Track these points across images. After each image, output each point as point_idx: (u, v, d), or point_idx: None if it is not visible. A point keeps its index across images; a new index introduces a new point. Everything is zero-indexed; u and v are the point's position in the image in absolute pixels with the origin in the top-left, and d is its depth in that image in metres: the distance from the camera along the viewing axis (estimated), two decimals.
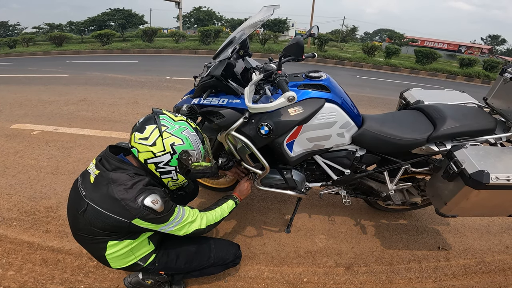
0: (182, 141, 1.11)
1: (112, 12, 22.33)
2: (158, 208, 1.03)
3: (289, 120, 1.35)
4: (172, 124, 1.11)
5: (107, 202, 1.02)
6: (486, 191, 1.29)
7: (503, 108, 1.60)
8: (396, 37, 38.40)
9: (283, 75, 1.24)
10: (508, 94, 1.56)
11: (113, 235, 1.09)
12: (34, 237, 1.74)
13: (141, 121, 1.12)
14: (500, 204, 1.42)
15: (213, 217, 1.29)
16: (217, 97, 1.41)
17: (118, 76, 6.70)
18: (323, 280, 1.60)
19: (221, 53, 1.36)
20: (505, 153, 1.44)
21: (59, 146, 2.86)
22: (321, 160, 1.63)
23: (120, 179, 1.04)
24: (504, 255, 1.91)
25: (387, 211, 2.12)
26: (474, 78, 11.75)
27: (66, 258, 1.61)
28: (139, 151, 1.08)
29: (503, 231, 2.13)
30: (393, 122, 1.61)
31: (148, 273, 1.32)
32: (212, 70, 1.36)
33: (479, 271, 1.77)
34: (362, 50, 13.46)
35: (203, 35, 13.01)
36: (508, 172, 1.26)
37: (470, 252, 1.90)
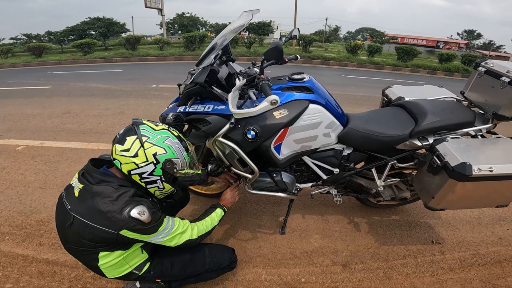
0: (165, 150, 1.11)
1: (92, 21, 21.93)
2: (145, 219, 1.03)
3: (274, 123, 1.37)
4: (153, 134, 1.11)
5: (93, 215, 1.02)
6: (470, 183, 1.33)
7: (480, 101, 1.67)
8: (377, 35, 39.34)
9: (265, 79, 1.25)
10: (484, 87, 1.63)
11: (103, 246, 1.08)
12: (28, 250, 1.73)
13: (121, 133, 1.12)
14: (487, 195, 1.46)
15: (204, 226, 1.29)
16: (203, 104, 1.42)
17: (103, 86, 6.59)
18: (321, 279, 1.62)
19: (204, 60, 1.37)
20: (486, 145, 1.51)
21: (46, 160, 2.79)
22: (310, 160, 1.66)
23: (104, 191, 1.04)
24: (498, 247, 1.94)
25: (378, 208, 2.17)
26: (453, 73, 12.16)
27: (62, 269, 1.60)
28: (121, 163, 1.08)
29: (494, 222, 2.18)
30: (376, 120, 1.66)
31: (145, 281, 1.31)
32: (195, 77, 1.36)
33: (475, 263, 1.79)
34: (346, 49, 13.73)
35: (187, 41, 12.95)
36: (490, 163, 1.31)
37: (464, 245, 1.93)
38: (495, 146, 1.51)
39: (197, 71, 1.41)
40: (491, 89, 1.57)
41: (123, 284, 1.47)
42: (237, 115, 1.21)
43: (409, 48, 13.01)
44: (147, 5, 16.83)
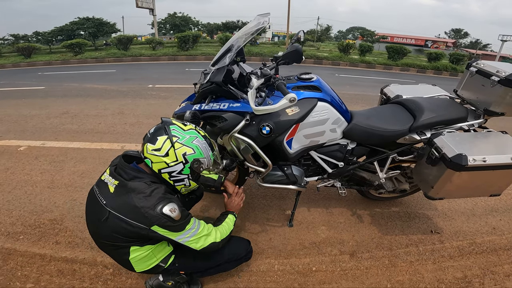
0: (193, 150, 1.16)
1: (81, 21, 21.60)
2: (175, 216, 1.08)
3: (287, 120, 1.47)
4: (182, 134, 1.17)
5: (128, 210, 1.07)
6: (466, 173, 1.45)
7: (472, 98, 1.79)
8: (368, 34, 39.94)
9: (281, 79, 1.35)
10: (475, 86, 1.75)
11: (135, 241, 1.14)
12: (45, 249, 1.75)
13: (151, 132, 1.17)
14: (481, 184, 1.58)
15: (224, 230, 1.33)
16: (217, 102, 1.50)
17: (98, 86, 6.55)
18: (330, 268, 1.71)
19: (219, 61, 1.44)
20: (478, 138, 1.63)
21: (50, 160, 2.81)
22: (316, 155, 1.76)
23: (138, 188, 1.09)
24: (493, 236, 2.05)
25: (379, 200, 2.29)
26: (442, 71, 12.50)
27: (81, 267, 1.63)
28: (152, 161, 1.14)
29: (487, 213, 2.30)
30: (378, 116, 1.77)
31: (168, 275, 1.37)
32: (212, 77, 1.44)
33: (472, 252, 1.89)
34: (338, 48, 13.96)
35: (181, 41, 12.93)
36: (483, 154, 1.43)
37: (461, 234, 2.04)
38: (487, 139, 1.64)
39: (212, 71, 1.49)
40: (482, 88, 1.68)
41: (143, 279, 1.52)
42: (258, 112, 1.29)
43: (399, 47, 13.32)
44: (138, 5, 16.70)
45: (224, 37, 13.65)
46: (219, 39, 14.11)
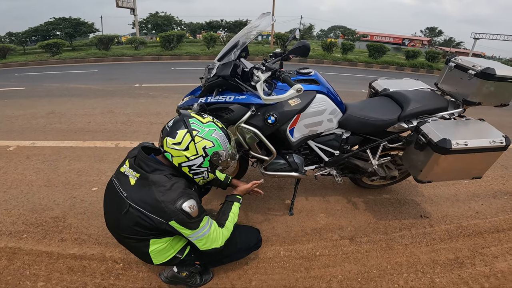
0: (213, 143, 1.17)
1: (57, 21, 20.80)
2: (193, 213, 1.09)
3: (290, 110, 1.58)
4: (202, 127, 1.17)
5: (148, 203, 1.09)
6: (451, 156, 1.61)
7: (451, 90, 1.97)
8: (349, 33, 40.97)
9: (286, 72, 1.45)
10: (454, 79, 1.92)
11: (154, 234, 1.16)
12: (51, 247, 1.74)
13: (170, 125, 1.17)
14: (464, 167, 1.75)
15: (228, 231, 1.32)
16: (223, 95, 1.57)
17: (82, 86, 6.40)
18: (333, 252, 1.81)
19: (225, 56, 1.52)
20: (459, 125, 1.81)
21: (43, 159, 2.76)
22: (314, 144, 1.88)
23: (159, 181, 1.11)
24: (477, 220, 2.21)
25: (371, 188, 2.44)
26: (419, 69, 13.11)
27: (91, 263, 1.63)
28: (172, 155, 1.15)
29: (470, 198, 2.48)
30: (369, 107, 1.92)
31: (183, 266, 1.39)
32: (218, 71, 1.52)
33: (460, 234, 2.03)
34: (321, 47, 14.27)
35: (165, 40, 12.75)
36: (465, 138, 1.60)
37: (448, 218, 2.19)
38: (467, 126, 1.81)
39: (218, 65, 1.56)
40: (460, 81, 1.85)
41: (154, 273, 1.55)
42: (267, 101, 1.38)
43: (379, 45, 13.83)
44: (119, 5, 16.32)
45: (209, 36, 13.61)
46: (204, 38, 14.03)
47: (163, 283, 1.50)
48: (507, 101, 1.81)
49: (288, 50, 1.72)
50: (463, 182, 2.72)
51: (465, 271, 1.72)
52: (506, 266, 1.77)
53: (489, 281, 1.66)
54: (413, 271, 1.70)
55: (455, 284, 1.62)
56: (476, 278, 1.67)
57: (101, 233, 1.84)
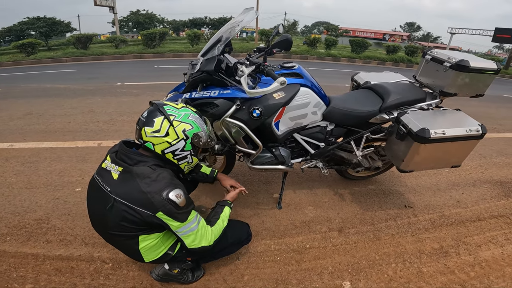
0: (191, 126, 1.18)
1: (31, 21, 19.88)
2: (180, 203, 1.08)
3: (275, 103, 1.59)
4: (177, 112, 1.17)
5: (134, 196, 1.07)
6: (430, 145, 1.67)
7: (429, 82, 2.04)
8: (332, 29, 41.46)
9: (270, 66, 1.46)
10: (431, 71, 1.99)
11: (142, 230, 1.14)
12: (37, 249, 1.69)
13: (146, 116, 1.16)
14: (443, 156, 1.82)
15: (218, 231, 1.31)
16: (207, 90, 1.56)
17: (60, 86, 6.15)
18: (322, 244, 1.83)
19: (209, 51, 1.51)
20: (436, 115, 1.88)
21: (23, 161, 2.65)
22: (300, 137, 1.90)
23: (144, 172, 1.09)
24: (458, 209, 2.27)
25: (356, 179, 2.50)
26: (399, 63, 13.51)
27: (79, 264, 1.59)
28: (154, 144, 1.13)
29: (450, 187, 2.57)
30: (352, 100, 1.96)
31: (174, 263, 1.38)
32: (202, 66, 1.50)
33: (443, 224, 2.08)
34: (306, 43, 14.38)
35: (147, 38, 12.45)
36: (442, 128, 1.66)
37: (431, 208, 2.25)
38: (444, 115, 1.89)
39: (201, 61, 1.55)
40: (436, 73, 1.92)
41: (144, 272, 1.53)
42: (251, 94, 1.39)
43: (361, 40, 14.11)
44: (97, 3, 15.82)
45: (192, 33, 13.41)
46: (187, 35, 13.81)
47: (154, 281, 1.49)
48: (481, 91, 1.89)
49: (271, 45, 1.73)
50: (443, 172, 2.82)
51: (450, 260, 1.77)
52: (489, 255, 1.83)
53: (474, 270, 1.71)
54: (400, 261, 1.74)
55: (442, 274, 1.67)
56: (462, 268, 1.72)
57: (87, 234, 1.79)
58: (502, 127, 4.58)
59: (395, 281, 1.60)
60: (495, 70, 1.76)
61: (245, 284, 1.54)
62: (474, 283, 1.62)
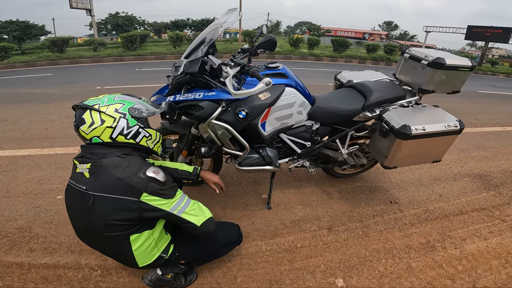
0: (121, 103, 1.14)
1: (3, 25, 18.93)
2: (161, 178, 1.05)
3: (261, 104, 1.59)
4: (99, 100, 1.14)
5: (111, 186, 1.03)
6: (412, 141, 1.72)
7: (408, 80, 2.11)
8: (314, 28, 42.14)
9: (254, 66, 1.45)
10: (409, 69, 2.05)
11: (130, 227, 1.10)
12: (21, 257, 1.63)
13: (75, 119, 1.12)
14: (424, 151, 1.88)
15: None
16: (192, 92, 1.54)
17: (36, 91, 5.90)
18: (313, 243, 1.85)
19: (193, 53, 1.49)
20: (416, 111, 1.95)
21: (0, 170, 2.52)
22: (286, 137, 1.92)
23: (113, 162, 1.07)
24: (441, 203, 2.33)
25: (343, 177, 2.55)
26: (379, 61, 13.90)
27: (66, 272, 1.53)
28: (99, 135, 1.09)
29: (432, 182, 2.65)
30: (336, 98, 2.00)
31: (167, 267, 1.36)
32: (186, 68, 1.48)
33: (428, 218, 2.13)
34: (289, 43, 14.52)
35: (127, 41, 12.15)
36: (422, 124, 1.72)
37: (415, 203, 2.31)
38: (423, 112, 1.96)
39: (182, 63, 1.53)
40: (414, 70, 1.98)
41: (135, 277, 1.49)
42: (237, 96, 1.38)
43: (342, 40, 14.41)
44: (73, 6, 15.34)
45: (175, 35, 13.21)
46: (169, 37, 13.59)
47: (146, 286, 1.45)
48: (458, 88, 1.97)
49: (256, 46, 1.73)
50: (425, 167, 2.92)
51: (438, 254, 1.82)
52: (475, 248, 1.88)
53: (462, 263, 1.75)
54: (390, 256, 1.78)
55: (431, 268, 1.71)
56: (449, 262, 1.75)
57: (72, 241, 1.73)
58: (478, 121, 4.79)
59: (386, 277, 1.63)
60: (470, 67, 1.84)
61: (238, 286, 1.52)
62: (462, 277, 1.66)
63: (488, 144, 3.70)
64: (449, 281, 1.63)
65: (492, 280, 1.66)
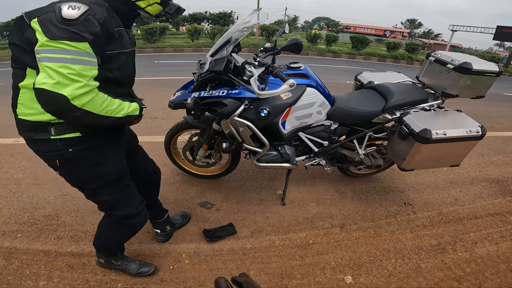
0: None
1: None
2: (69, 15, 0.83)
3: (282, 103, 1.64)
4: None
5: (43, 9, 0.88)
6: (431, 145, 1.72)
7: (431, 83, 2.08)
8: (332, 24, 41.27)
9: (278, 67, 1.50)
10: (433, 72, 2.03)
11: (28, 59, 0.89)
12: (48, 245, 1.72)
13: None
14: (443, 155, 1.87)
15: (104, 102, 0.96)
16: (216, 89, 1.60)
17: None
18: (325, 240, 1.90)
19: (218, 52, 1.54)
20: (439, 116, 1.93)
21: (28, 156, 2.67)
22: (304, 135, 1.95)
23: None
24: (456, 206, 2.33)
25: (357, 177, 2.56)
26: (400, 60, 13.47)
27: (91, 260, 1.63)
28: None
29: (448, 185, 2.63)
30: (356, 99, 2.00)
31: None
32: (211, 66, 1.54)
33: (441, 221, 2.14)
34: (306, 38, 14.33)
35: (147, 33, 12.38)
36: (444, 128, 1.71)
37: (430, 205, 2.31)
38: (445, 116, 1.94)
39: (207, 61, 1.59)
40: (439, 74, 1.96)
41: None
42: (262, 96, 1.43)
43: (362, 37, 14.05)
44: None
45: (193, 28, 13.33)
46: (187, 30, 13.73)
47: (165, 275, 1.54)
48: (482, 93, 1.93)
49: (279, 46, 1.76)
50: (442, 170, 2.87)
51: (447, 256, 1.83)
52: (485, 252, 1.89)
53: (470, 266, 1.76)
54: (400, 256, 1.80)
55: (439, 269, 1.73)
56: (458, 264, 1.78)
57: None
58: (500, 125, 4.63)
59: (394, 276, 1.66)
60: (496, 73, 1.80)
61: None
62: (469, 279, 1.68)
63: (509, 149, 3.59)
64: (455, 282, 1.65)
65: (497, 283, 1.67)
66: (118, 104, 1.02)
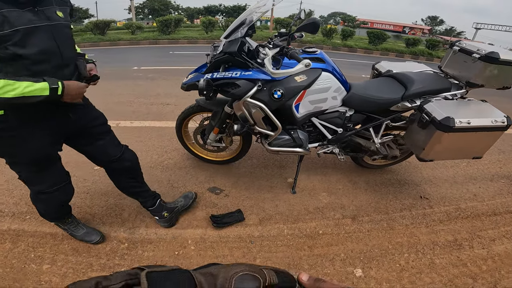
0: None
1: None
2: None
3: (296, 86, 1.59)
4: None
5: None
6: (453, 134, 1.63)
7: (455, 73, 1.99)
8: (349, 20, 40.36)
9: (293, 48, 1.46)
10: (457, 62, 1.94)
11: None
12: (55, 228, 1.69)
13: None
14: (465, 146, 1.78)
15: (9, 85, 0.94)
16: (229, 71, 1.57)
17: None
18: (336, 231, 1.85)
19: (232, 33, 1.51)
20: (461, 105, 1.84)
21: None
22: (318, 121, 1.90)
23: None
24: (475, 202, 2.25)
25: (372, 168, 2.48)
26: (419, 56, 13.00)
27: (96, 244, 1.63)
28: None
29: (467, 180, 2.53)
30: (373, 87, 1.93)
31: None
32: (225, 48, 1.51)
33: (459, 216, 2.07)
34: (321, 33, 14.06)
35: (162, 25, 12.48)
36: (467, 117, 1.63)
37: (447, 200, 2.23)
38: (469, 106, 1.84)
39: (224, 43, 1.56)
40: (464, 64, 1.87)
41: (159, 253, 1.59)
42: (275, 75, 1.40)
43: (379, 32, 13.65)
44: None
45: (207, 21, 13.33)
46: (202, 23, 13.75)
47: (170, 260, 1.54)
48: (509, 84, 1.83)
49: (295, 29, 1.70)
50: (461, 165, 2.76)
51: (464, 253, 1.76)
52: (503, 249, 1.82)
53: (487, 263, 1.70)
54: (413, 251, 1.74)
55: (454, 266, 1.66)
56: (474, 261, 1.71)
57: (104, 213, 1.84)
58: None
59: (406, 271, 1.60)
60: None
61: None
62: (485, 276, 1.61)
63: None
64: (470, 279, 1.59)
65: None
66: (3, 84, 0.94)
